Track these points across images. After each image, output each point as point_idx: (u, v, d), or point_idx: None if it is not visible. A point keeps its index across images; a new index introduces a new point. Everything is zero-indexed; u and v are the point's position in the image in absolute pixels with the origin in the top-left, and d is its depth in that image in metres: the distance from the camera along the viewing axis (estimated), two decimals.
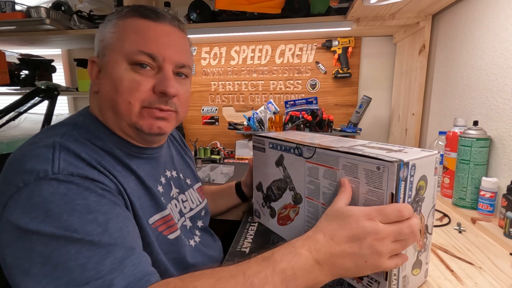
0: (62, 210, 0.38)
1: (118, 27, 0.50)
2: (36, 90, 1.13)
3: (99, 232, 0.38)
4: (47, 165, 0.40)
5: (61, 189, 0.39)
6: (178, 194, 0.66)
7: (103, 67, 0.51)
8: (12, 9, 1.42)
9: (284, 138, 0.66)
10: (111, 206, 0.42)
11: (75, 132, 0.49)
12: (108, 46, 0.50)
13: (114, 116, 0.51)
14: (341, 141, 0.59)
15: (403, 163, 0.41)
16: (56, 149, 0.43)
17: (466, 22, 0.98)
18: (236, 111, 1.79)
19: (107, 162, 0.48)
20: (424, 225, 0.48)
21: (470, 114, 0.94)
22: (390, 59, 1.59)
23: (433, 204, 0.49)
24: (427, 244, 0.50)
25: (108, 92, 0.50)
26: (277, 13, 1.36)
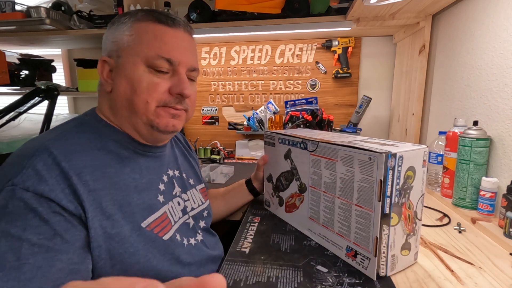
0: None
1: (134, 30, 0.53)
2: (36, 90, 1.13)
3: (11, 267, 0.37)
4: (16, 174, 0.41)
5: (9, 206, 0.39)
6: (181, 192, 0.67)
7: (118, 68, 0.53)
8: (12, 9, 1.42)
9: (292, 134, 0.73)
10: (48, 236, 0.40)
11: (77, 130, 0.50)
12: (124, 48, 0.52)
13: (128, 115, 0.54)
14: (341, 137, 0.66)
15: (390, 154, 0.48)
16: (38, 152, 0.44)
17: (466, 22, 0.98)
18: (236, 111, 1.79)
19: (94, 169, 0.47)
20: (413, 211, 0.54)
21: (470, 114, 0.94)
22: (390, 59, 1.59)
23: (422, 193, 0.55)
24: (416, 229, 0.56)
25: (125, 92, 0.52)
26: (277, 13, 1.36)
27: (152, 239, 0.52)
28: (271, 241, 0.72)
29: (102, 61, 0.54)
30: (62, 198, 0.42)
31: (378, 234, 0.51)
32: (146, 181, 0.56)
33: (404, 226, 0.53)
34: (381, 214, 0.50)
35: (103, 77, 0.54)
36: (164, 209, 0.58)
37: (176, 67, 0.54)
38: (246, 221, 0.83)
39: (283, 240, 0.72)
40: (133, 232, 0.49)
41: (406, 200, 0.52)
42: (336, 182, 0.60)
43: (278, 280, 0.56)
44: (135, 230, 0.50)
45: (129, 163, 0.54)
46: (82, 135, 0.50)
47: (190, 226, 0.66)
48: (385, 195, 0.49)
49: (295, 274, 0.58)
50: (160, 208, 0.57)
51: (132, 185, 0.53)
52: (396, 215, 0.52)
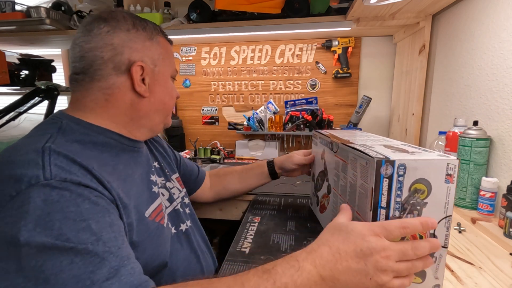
0: (54, 218, 0.37)
1: (162, 45, 0.60)
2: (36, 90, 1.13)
3: (93, 241, 0.37)
4: (38, 171, 0.39)
5: (53, 196, 0.38)
6: (165, 182, 0.69)
7: (155, 76, 0.58)
8: (12, 9, 1.42)
9: (327, 134, 0.72)
10: (105, 214, 0.41)
11: (61, 135, 0.48)
12: (158, 59, 0.58)
13: (158, 116, 0.61)
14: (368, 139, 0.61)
15: (385, 161, 0.43)
16: (46, 153, 0.42)
17: (466, 22, 0.98)
18: (236, 111, 1.79)
19: (100, 163, 0.47)
20: (428, 233, 0.46)
21: (470, 114, 0.94)
22: (390, 59, 1.59)
23: (446, 214, 0.45)
24: (436, 257, 0.47)
25: (163, 98, 0.60)
26: (277, 13, 1.36)
27: (155, 227, 0.55)
28: (271, 241, 0.72)
29: (139, 65, 0.54)
30: (96, 186, 0.43)
31: None
32: (139, 174, 0.58)
33: None
34: None
35: (136, 80, 0.54)
36: (160, 199, 0.61)
37: None
38: (246, 221, 0.83)
39: (283, 240, 0.72)
40: (139, 222, 0.51)
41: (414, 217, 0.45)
42: (347, 185, 0.57)
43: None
44: (140, 220, 0.52)
45: (121, 159, 0.54)
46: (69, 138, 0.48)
47: (181, 212, 0.69)
48: (378, 205, 0.45)
49: None
50: (157, 198, 0.60)
51: (129, 179, 0.54)
52: None
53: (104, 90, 0.53)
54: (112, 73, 0.53)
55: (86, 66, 0.52)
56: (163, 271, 0.56)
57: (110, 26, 0.53)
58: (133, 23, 0.55)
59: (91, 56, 0.52)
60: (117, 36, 0.53)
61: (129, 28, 0.54)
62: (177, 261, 0.60)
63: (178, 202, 0.70)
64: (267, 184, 1.19)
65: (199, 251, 0.68)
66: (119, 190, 0.48)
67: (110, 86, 0.53)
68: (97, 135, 0.52)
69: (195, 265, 0.66)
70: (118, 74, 0.53)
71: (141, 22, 0.57)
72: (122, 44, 0.53)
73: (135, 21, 0.56)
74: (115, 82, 0.53)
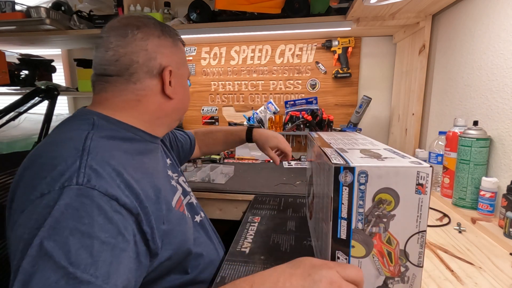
0: (67, 226, 0.39)
1: (182, 50, 0.65)
2: (36, 90, 1.13)
3: (87, 265, 0.38)
4: (74, 172, 0.42)
5: (75, 203, 0.40)
6: (178, 177, 0.73)
7: (178, 78, 0.62)
8: (12, 9, 1.42)
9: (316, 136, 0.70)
10: (113, 234, 0.42)
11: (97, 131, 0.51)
12: (181, 63, 0.63)
13: (177, 114, 0.65)
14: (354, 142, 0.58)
15: (343, 167, 0.39)
16: (85, 152, 0.45)
17: (466, 22, 0.98)
18: (236, 111, 1.79)
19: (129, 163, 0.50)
20: (397, 249, 0.42)
21: (470, 114, 0.94)
22: (390, 59, 1.59)
23: (419, 229, 0.41)
24: (407, 276, 0.43)
25: (183, 98, 0.65)
26: (277, 13, 1.36)
27: (180, 216, 0.60)
28: (271, 241, 0.72)
29: (170, 70, 0.59)
30: (120, 194, 0.44)
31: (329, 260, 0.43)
32: (160, 168, 0.63)
33: (380, 265, 0.43)
34: (332, 237, 0.42)
35: (167, 84, 0.59)
36: (179, 191, 0.66)
37: None
38: (246, 221, 0.83)
39: (283, 240, 0.72)
40: (169, 212, 0.55)
41: (380, 230, 0.41)
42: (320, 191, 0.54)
43: None
44: (170, 210, 0.56)
45: (145, 154, 0.58)
46: (102, 136, 0.51)
47: (194, 204, 0.74)
48: (338, 215, 0.41)
49: None
50: (177, 191, 0.65)
51: (154, 172, 0.57)
52: (361, 245, 0.42)
53: (137, 92, 0.57)
54: (146, 77, 0.57)
55: (122, 69, 0.55)
56: (188, 257, 0.61)
57: (144, 33, 0.56)
58: (161, 29, 0.59)
59: (126, 60, 0.55)
60: (150, 42, 0.57)
61: (159, 35, 0.58)
62: (199, 248, 0.65)
63: (191, 196, 0.75)
64: (267, 184, 1.19)
65: (214, 239, 0.74)
66: (148, 186, 0.51)
67: (144, 88, 0.57)
68: (125, 132, 0.55)
69: (213, 252, 0.71)
70: (151, 78, 0.57)
71: (166, 28, 0.61)
72: (155, 50, 0.57)
73: (162, 28, 0.60)
74: (149, 85, 0.57)
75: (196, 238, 0.66)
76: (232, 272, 0.60)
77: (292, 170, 1.43)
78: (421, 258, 0.42)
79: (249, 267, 0.61)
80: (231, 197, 1.10)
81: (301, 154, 1.68)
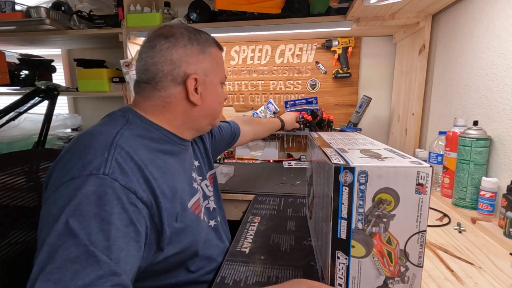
0: (90, 210, 0.43)
1: (213, 55, 0.65)
2: (36, 90, 1.13)
3: (103, 247, 0.42)
4: (101, 163, 0.47)
5: (99, 191, 0.45)
6: (202, 180, 0.76)
7: (206, 85, 0.64)
8: (12, 9, 1.42)
9: (316, 136, 0.69)
10: (126, 223, 0.46)
11: (128, 128, 0.55)
12: (211, 69, 0.64)
13: (205, 120, 0.67)
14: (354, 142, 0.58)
15: (343, 167, 0.39)
16: (113, 146, 0.50)
17: (466, 22, 0.98)
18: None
19: (152, 162, 0.54)
20: (397, 249, 0.42)
21: (470, 114, 0.94)
22: (390, 59, 1.59)
23: (419, 229, 0.41)
24: (407, 276, 0.43)
25: (213, 104, 0.66)
26: (277, 13, 1.36)
27: (195, 218, 0.62)
28: (271, 241, 0.72)
29: (193, 78, 0.61)
30: (138, 188, 0.49)
31: (330, 260, 0.43)
32: (184, 170, 0.65)
33: (380, 265, 0.43)
34: (332, 237, 0.42)
35: (191, 91, 0.61)
36: (199, 194, 0.68)
37: None
38: (246, 221, 0.83)
39: (283, 240, 0.72)
40: (183, 211, 0.58)
41: (380, 230, 0.41)
42: (319, 192, 0.54)
43: (278, 280, 0.56)
44: (185, 210, 0.59)
45: (171, 155, 0.62)
46: (133, 132, 0.55)
47: (210, 209, 0.76)
48: (338, 215, 0.41)
49: (295, 274, 0.58)
50: (196, 193, 0.67)
51: (176, 173, 0.60)
52: (361, 245, 0.42)
53: (163, 99, 0.61)
54: (170, 85, 0.60)
55: (150, 78, 0.60)
56: (194, 258, 0.63)
57: (170, 43, 0.59)
58: (189, 37, 0.61)
59: (154, 69, 0.59)
60: (175, 52, 0.59)
61: (185, 44, 0.61)
62: (209, 251, 0.68)
63: (211, 200, 0.77)
64: (267, 184, 1.19)
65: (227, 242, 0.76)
66: (165, 185, 0.54)
67: (169, 95, 0.61)
68: (155, 131, 0.60)
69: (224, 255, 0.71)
70: (176, 85, 0.60)
71: (196, 35, 0.62)
72: (180, 59, 0.60)
73: (190, 35, 0.62)
74: (173, 92, 0.61)
75: (207, 241, 0.68)
76: (232, 272, 0.60)
77: (292, 170, 1.43)
78: (421, 258, 0.42)
79: (249, 267, 0.61)
80: (231, 197, 1.10)
81: (301, 154, 1.68)
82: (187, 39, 0.61)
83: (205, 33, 0.66)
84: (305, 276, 0.57)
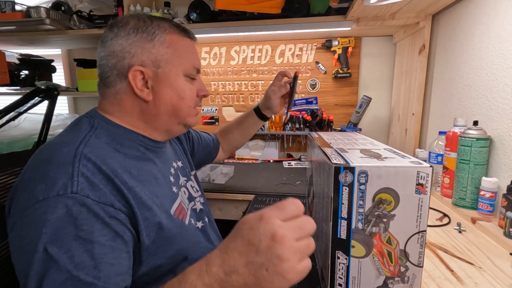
0: (69, 233, 0.40)
1: (170, 43, 0.57)
2: (36, 90, 1.13)
3: (90, 267, 0.40)
4: (67, 181, 0.42)
5: (73, 212, 0.41)
6: (186, 181, 0.71)
7: (159, 78, 0.56)
8: (12, 9, 1.42)
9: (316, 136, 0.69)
10: (112, 237, 0.44)
11: (93, 135, 0.51)
12: (164, 60, 0.56)
13: (169, 118, 0.59)
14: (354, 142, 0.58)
15: (343, 167, 0.39)
16: (77, 158, 0.45)
17: (466, 22, 0.98)
18: (236, 111, 1.79)
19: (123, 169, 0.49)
20: (397, 249, 0.42)
21: (470, 114, 0.94)
22: (390, 59, 1.59)
23: (419, 229, 0.41)
24: (407, 276, 0.43)
25: (171, 100, 0.58)
26: (277, 13, 1.36)
27: (179, 224, 0.58)
28: None
29: (136, 71, 0.54)
30: (113, 200, 0.45)
31: (330, 260, 0.43)
32: (161, 174, 0.59)
33: (380, 265, 0.43)
34: (332, 237, 0.42)
35: (136, 86, 0.54)
36: (180, 198, 0.63)
37: (197, 74, 0.63)
38: None
39: None
40: (168, 219, 0.54)
41: (380, 230, 0.41)
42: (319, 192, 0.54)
43: None
44: (168, 218, 0.54)
45: (145, 160, 0.57)
46: (100, 140, 0.51)
47: (197, 211, 0.70)
48: (338, 215, 0.41)
49: None
50: (177, 198, 0.62)
51: (153, 180, 0.55)
52: (361, 245, 0.42)
53: (113, 95, 0.56)
54: (117, 80, 0.55)
55: (100, 74, 0.56)
56: (183, 263, 0.60)
57: (113, 33, 0.54)
58: (134, 25, 0.55)
59: (102, 64, 0.55)
60: (117, 42, 0.54)
61: (129, 33, 0.54)
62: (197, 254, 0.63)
63: (197, 201, 0.72)
64: (267, 184, 1.19)
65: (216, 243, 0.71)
66: (142, 194, 0.50)
67: (117, 91, 0.56)
68: (124, 136, 0.55)
69: None
70: (122, 80, 0.55)
71: (145, 22, 0.56)
72: (122, 50, 0.54)
73: (137, 23, 0.55)
74: (121, 88, 0.55)
75: (196, 243, 0.63)
76: None
77: (292, 170, 1.43)
78: (421, 258, 0.42)
79: None
80: (231, 197, 1.10)
81: (301, 154, 1.68)
82: (131, 27, 0.54)
83: (165, 19, 0.58)
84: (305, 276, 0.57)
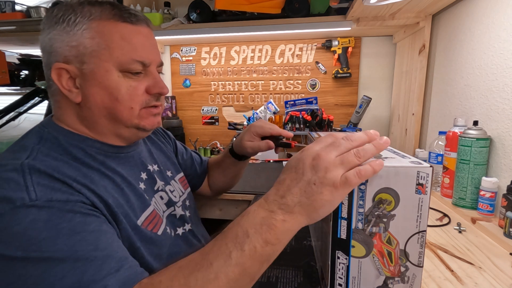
0: (47, 236, 0.36)
1: (96, 31, 0.47)
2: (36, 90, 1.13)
3: (90, 249, 0.38)
4: (21, 192, 0.38)
5: (42, 216, 0.37)
6: (165, 185, 0.65)
7: (85, 75, 0.48)
8: (12, 9, 1.42)
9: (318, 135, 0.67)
10: (98, 224, 0.41)
11: (42, 147, 0.46)
12: (87, 53, 0.48)
13: (109, 123, 0.52)
14: None
15: None
16: (26, 172, 0.40)
17: (466, 22, 0.98)
18: (236, 111, 1.79)
19: (82, 176, 0.45)
20: (397, 249, 0.42)
21: (470, 114, 0.94)
22: (390, 59, 1.59)
23: (419, 229, 0.41)
24: (407, 276, 0.43)
25: (102, 101, 0.49)
26: (277, 13, 1.36)
27: (148, 236, 0.52)
28: None
29: (58, 68, 0.48)
30: (83, 198, 0.42)
31: (330, 260, 0.43)
32: (127, 182, 0.54)
33: (380, 265, 0.43)
34: (332, 237, 0.42)
35: (62, 86, 0.48)
36: (152, 206, 0.57)
37: (148, 67, 0.53)
38: None
39: None
40: (135, 230, 0.50)
41: (380, 230, 0.41)
42: None
43: (278, 280, 0.56)
44: (133, 229, 0.50)
45: (106, 168, 0.51)
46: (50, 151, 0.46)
47: (177, 216, 0.65)
48: (338, 215, 0.41)
49: (295, 274, 0.58)
50: (149, 206, 0.56)
51: (116, 188, 0.50)
52: (361, 245, 0.42)
53: (54, 98, 0.52)
54: (50, 79, 0.49)
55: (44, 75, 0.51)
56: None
57: (42, 27, 0.50)
58: (56, 15, 0.48)
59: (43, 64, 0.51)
60: (43, 38, 0.50)
61: (52, 25, 0.48)
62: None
63: (179, 206, 0.66)
64: (267, 184, 1.19)
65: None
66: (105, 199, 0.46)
67: (53, 93, 0.51)
68: (77, 146, 0.49)
69: None
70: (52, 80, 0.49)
71: (67, 10, 0.48)
72: (46, 45, 0.49)
73: (59, 12, 0.48)
74: (55, 89, 0.50)
75: (174, 254, 0.57)
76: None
77: None
78: (421, 258, 0.42)
79: None
80: (231, 197, 1.10)
81: None
82: (53, 17, 0.48)
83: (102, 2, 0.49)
84: (305, 276, 0.57)
